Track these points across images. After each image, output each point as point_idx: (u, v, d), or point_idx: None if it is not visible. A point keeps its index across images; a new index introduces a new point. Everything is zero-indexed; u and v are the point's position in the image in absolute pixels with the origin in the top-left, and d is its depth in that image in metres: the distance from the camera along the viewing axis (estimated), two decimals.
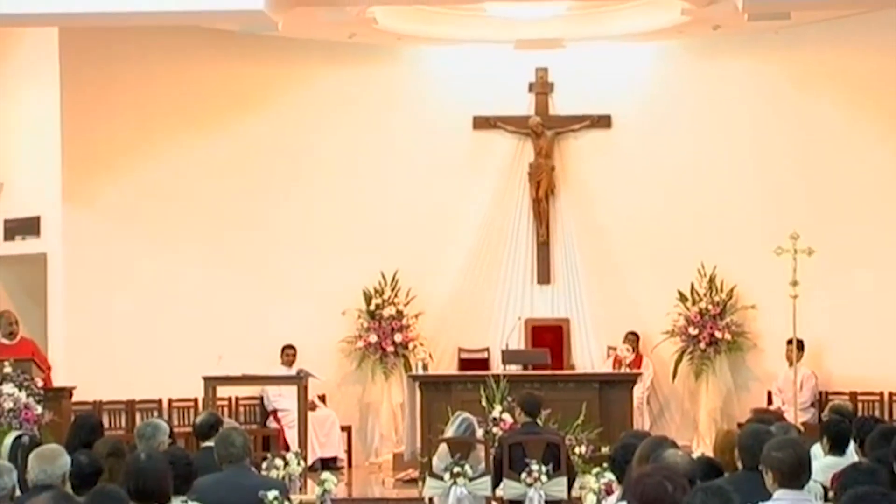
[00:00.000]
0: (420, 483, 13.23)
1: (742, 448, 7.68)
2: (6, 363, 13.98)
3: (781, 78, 16.92)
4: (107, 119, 16.34)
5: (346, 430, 17.10)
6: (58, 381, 15.11)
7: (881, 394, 15.99)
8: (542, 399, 12.75)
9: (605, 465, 10.13)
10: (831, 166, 16.56)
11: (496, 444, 12.51)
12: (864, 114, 16.37)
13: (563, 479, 11.94)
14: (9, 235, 16.66)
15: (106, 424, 15.57)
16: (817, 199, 16.46)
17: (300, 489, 12.08)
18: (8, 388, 13.54)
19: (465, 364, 17.05)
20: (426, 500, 12.24)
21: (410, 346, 17.25)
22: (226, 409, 15.90)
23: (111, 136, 16.38)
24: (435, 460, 12.26)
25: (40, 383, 14.22)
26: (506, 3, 15.70)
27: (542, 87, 17.78)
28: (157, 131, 16.55)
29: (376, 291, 17.30)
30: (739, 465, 7.63)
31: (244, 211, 16.94)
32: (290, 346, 16.62)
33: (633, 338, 16.88)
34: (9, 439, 9.96)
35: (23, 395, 13.55)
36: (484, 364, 16.77)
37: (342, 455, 16.87)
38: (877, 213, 16.18)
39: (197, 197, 16.72)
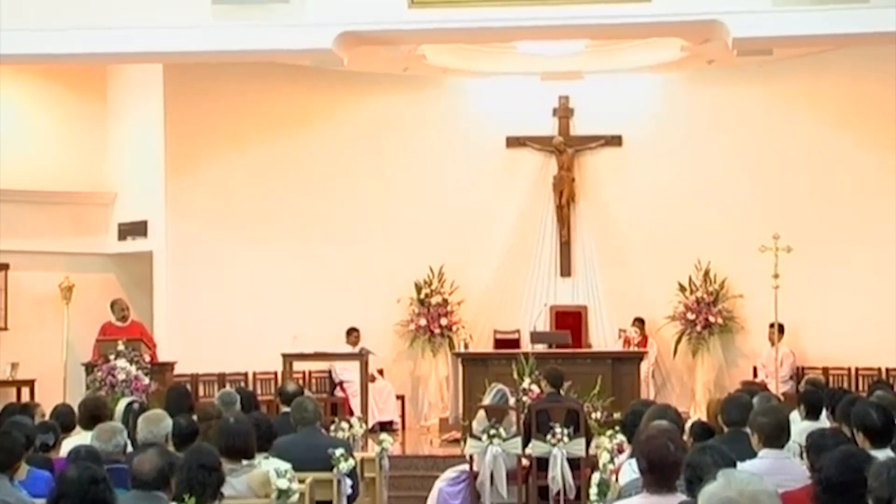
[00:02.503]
0: (462, 443, 13.21)
1: (725, 412, 7.67)
2: (120, 342, 14.11)
3: (765, 103, 16.84)
4: (202, 138, 16.41)
5: (401, 398, 17.11)
6: (162, 356, 15.21)
7: (849, 368, 15.89)
8: (563, 373, 12.73)
9: (617, 428, 10.11)
10: (807, 177, 16.47)
11: (526, 410, 12.48)
12: (835, 133, 16.29)
13: (582, 440, 11.91)
14: (122, 236, 16.75)
15: (201, 393, 15.76)
16: (795, 205, 16.37)
17: (362, 447, 12.08)
18: (121, 362, 13.66)
19: (499, 343, 17.02)
20: (467, 457, 12.23)
21: (454, 328, 17.24)
22: (300, 381, 15.93)
23: (206, 152, 16.45)
24: (475, 424, 12.25)
25: (147, 359, 14.35)
26: (533, 41, 15.66)
27: (564, 112, 17.72)
28: (245, 147, 16.61)
29: (425, 283, 17.31)
30: (724, 427, 7.62)
31: (315, 214, 16.98)
32: (354, 329, 16.63)
33: (639, 322, 16.85)
34: (122, 405, 10.02)
35: (133, 368, 13.66)
36: (515, 343, 16.73)
37: (397, 419, 16.88)
38: (846, 217, 16.11)
39: (277, 203, 16.77)
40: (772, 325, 15.70)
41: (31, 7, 11.74)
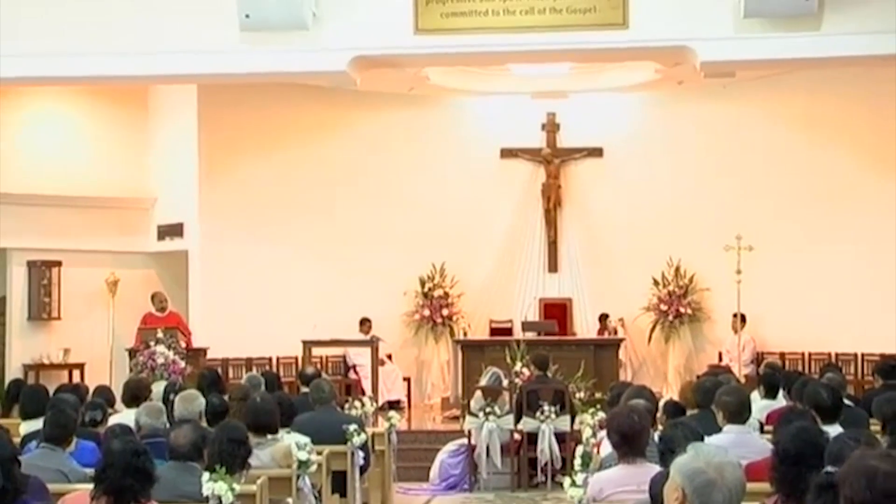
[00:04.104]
0: (461, 419, 13.24)
1: (698, 392, 7.68)
2: (159, 330, 14.11)
3: (728, 120, 16.85)
4: (232, 149, 16.40)
5: (407, 380, 17.12)
6: (196, 343, 15.18)
7: (803, 353, 15.90)
8: (549, 357, 12.77)
9: (598, 406, 10.13)
10: (766, 184, 16.49)
11: (517, 390, 12.51)
12: (791, 145, 16.33)
13: (567, 417, 11.94)
14: (161, 237, 16.76)
15: (230, 376, 15.75)
16: (756, 208, 16.37)
17: (373, 424, 12.09)
18: (160, 348, 13.66)
19: (494, 331, 16.99)
20: (466, 432, 12.25)
21: (454, 318, 17.24)
22: (318, 365, 15.93)
23: (236, 161, 16.45)
24: (472, 403, 12.28)
25: (183, 345, 14.35)
26: (524, 64, 15.65)
27: (551, 127, 17.73)
28: (270, 157, 16.61)
29: (429, 277, 17.31)
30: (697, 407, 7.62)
31: (331, 216, 16.98)
32: (367, 319, 16.62)
33: (604, 317, 16.80)
34: (159, 387, 10.04)
35: (171, 353, 13.66)
36: (508, 332, 16.70)
37: (404, 398, 16.88)
38: (801, 219, 16.13)
39: (298, 207, 16.76)
40: (735, 315, 15.74)
41: (77, 34, 11.73)
